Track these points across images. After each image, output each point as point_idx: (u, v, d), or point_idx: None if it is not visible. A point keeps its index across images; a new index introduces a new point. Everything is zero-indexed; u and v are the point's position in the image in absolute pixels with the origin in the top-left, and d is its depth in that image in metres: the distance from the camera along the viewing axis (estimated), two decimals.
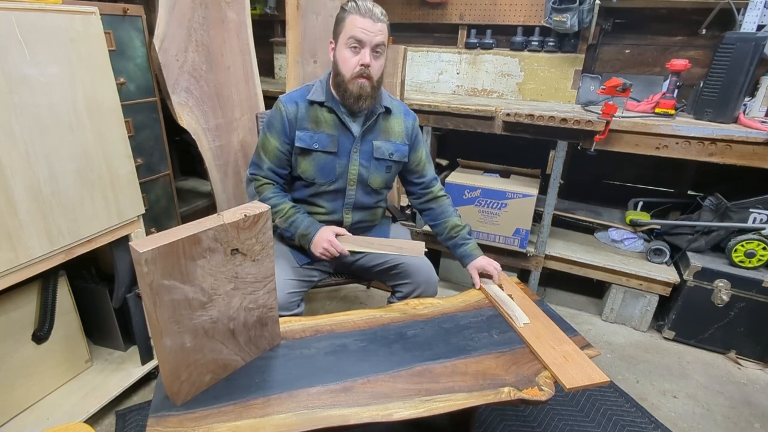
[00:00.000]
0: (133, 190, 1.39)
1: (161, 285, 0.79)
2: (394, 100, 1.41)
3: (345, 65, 1.24)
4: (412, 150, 1.43)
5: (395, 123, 1.39)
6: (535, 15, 2.33)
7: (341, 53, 1.24)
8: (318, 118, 1.32)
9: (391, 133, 1.38)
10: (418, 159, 1.46)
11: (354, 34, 1.20)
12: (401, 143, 1.40)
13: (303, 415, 0.88)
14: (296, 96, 1.33)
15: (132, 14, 1.48)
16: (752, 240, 1.80)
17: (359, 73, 1.23)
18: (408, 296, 1.40)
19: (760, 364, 1.88)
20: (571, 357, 1.06)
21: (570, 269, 2.15)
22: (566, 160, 1.97)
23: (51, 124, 1.12)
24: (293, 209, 1.34)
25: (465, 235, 1.44)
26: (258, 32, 2.08)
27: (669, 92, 1.91)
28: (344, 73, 1.24)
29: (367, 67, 1.22)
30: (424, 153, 1.48)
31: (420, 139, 1.47)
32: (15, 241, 1.08)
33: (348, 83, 1.25)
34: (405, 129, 1.41)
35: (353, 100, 1.26)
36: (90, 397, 1.43)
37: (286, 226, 1.34)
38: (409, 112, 1.44)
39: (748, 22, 1.77)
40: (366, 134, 1.34)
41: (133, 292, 1.49)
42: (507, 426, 1.50)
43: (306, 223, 1.32)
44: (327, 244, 1.27)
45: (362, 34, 1.20)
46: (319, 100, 1.31)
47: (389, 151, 1.37)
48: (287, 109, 1.30)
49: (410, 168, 1.46)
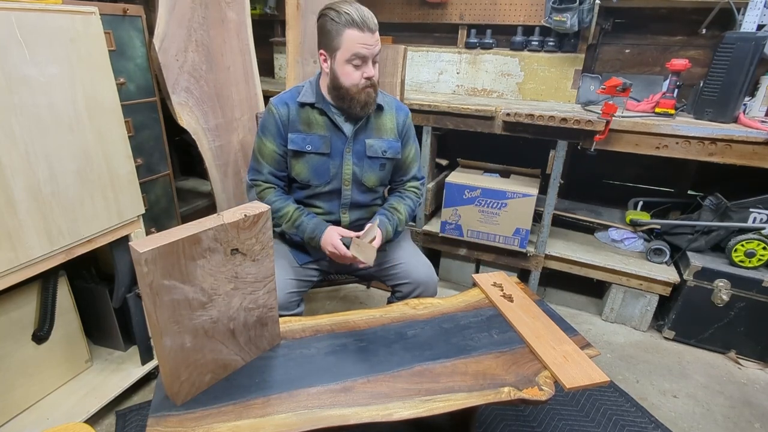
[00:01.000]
0: (133, 190, 1.39)
1: (161, 285, 0.79)
2: (386, 96, 1.40)
3: (348, 79, 1.22)
4: (402, 145, 1.42)
5: (387, 120, 1.39)
6: (535, 15, 2.33)
7: (342, 69, 1.22)
8: (310, 120, 1.31)
9: (383, 130, 1.38)
10: (404, 155, 1.44)
11: (357, 52, 1.18)
12: (393, 140, 1.39)
13: (303, 415, 0.88)
14: (286, 98, 1.33)
15: (132, 14, 1.48)
16: (752, 240, 1.80)
17: (365, 85, 1.23)
18: (408, 296, 1.40)
19: (760, 364, 1.88)
20: (571, 357, 1.06)
21: (570, 269, 2.15)
22: (566, 159, 1.97)
23: (51, 124, 1.12)
24: (298, 211, 1.34)
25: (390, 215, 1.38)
26: (258, 32, 2.08)
27: (669, 92, 1.91)
28: (348, 87, 1.23)
29: (371, 79, 1.22)
30: (412, 151, 1.46)
31: (411, 135, 1.45)
32: (15, 241, 1.08)
33: (354, 94, 1.24)
34: (397, 125, 1.40)
35: (360, 107, 1.26)
36: (90, 397, 1.43)
37: (294, 231, 1.34)
38: (401, 107, 1.43)
39: (748, 22, 1.77)
40: (358, 133, 1.34)
41: (133, 292, 1.49)
42: (507, 426, 1.50)
43: (311, 227, 1.32)
44: (332, 248, 1.27)
45: (365, 50, 1.18)
46: (310, 102, 1.30)
47: (382, 148, 1.37)
48: (279, 111, 1.30)
49: (398, 164, 1.45)
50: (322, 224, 1.32)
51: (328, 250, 1.29)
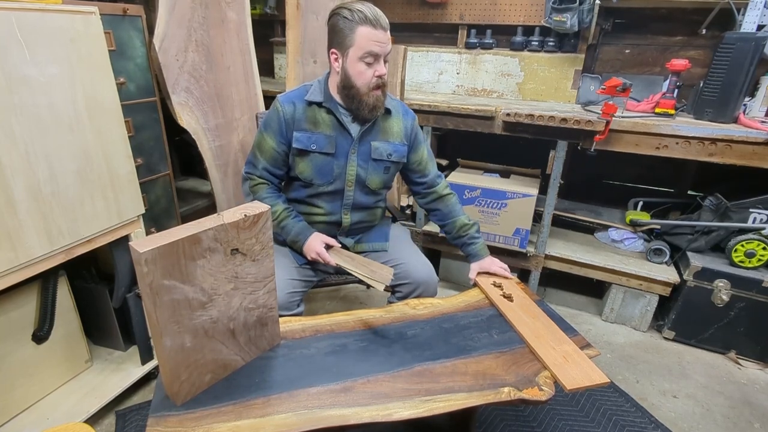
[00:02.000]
0: (133, 190, 1.39)
1: (161, 285, 0.79)
2: (393, 100, 1.40)
3: (361, 79, 1.22)
4: (412, 150, 1.43)
5: (394, 123, 1.39)
6: (535, 15, 2.33)
7: (355, 67, 1.21)
8: (316, 119, 1.31)
9: (389, 133, 1.38)
10: (419, 158, 1.45)
11: (371, 49, 1.18)
12: (400, 144, 1.39)
13: (303, 415, 0.88)
14: (294, 96, 1.32)
15: (132, 14, 1.48)
16: (752, 240, 1.80)
17: (376, 84, 1.23)
18: (408, 296, 1.40)
19: (760, 364, 1.88)
20: (571, 357, 1.06)
21: (570, 269, 2.15)
22: (566, 160, 1.97)
23: (51, 124, 1.12)
24: (286, 212, 1.34)
25: (473, 234, 1.44)
26: (258, 32, 2.08)
27: (669, 92, 1.91)
28: (360, 86, 1.23)
29: (383, 77, 1.22)
30: (425, 152, 1.47)
31: (420, 138, 1.46)
32: (15, 241, 1.08)
33: (364, 96, 1.24)
34: (404, 129, 1.40)
35: (368, 110, 1.27)
36: (90, 397, 1.43)
37: (278, 230, 1.35)
38: (408, 112, 1.43)
39: (748, 22, 1.77)
40: (364, 135, 1.34)
41: (133, 292, 1.49)
42: (507, 426, 1.50)
43: (296, 230, 1.33)
44: (315, 255, 1.29)
45: (378, 48, 1.18)
46: (317, 101, 1.30)
47: (387, 151, 1.37)
48: (284, 109, 1.30)
49: (411, 168, 1.45)
50: (307, 230, 1.34)
51: (310, 255, 1.31)
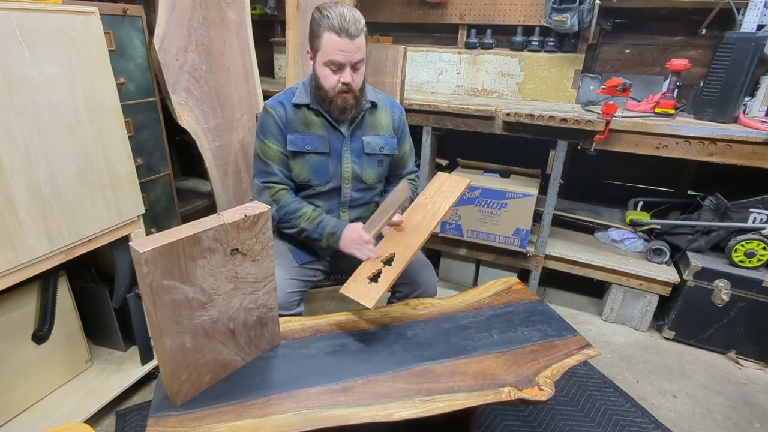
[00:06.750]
0: (133, 190, 1.39)
1: (161, 285, 0.79)
2: (379, 94, 1.41)
3: (326, 82, 1.23)
4: (398, 142, 1.44)
5: (382, 116, 1.39)
6: (535, 15, 2.33)
7: (321, 70, 1.22)
8: (307, 121, 1.31)
9: (378, 126, 1.39)
10: (402, 153, 1.47)
11: (333, 58, 1.17)
12: (390, 136, 1.40)
13: (303, 415, 0.88)
14: (281, 99, 1.33)
15: (132, 14, 1.48)
16: (752, 240, 1.80)
17: (341, 89, 1.23)
18: (408, 296, 1.40)
19: (760, 364, 1.88)
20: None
21: (570, 269, 2.15)
22: (566, 160, 1.97)
23: (51, 124, 1.12)
24: (315, 211, 1.33)
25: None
26: (258, 32, 2.08)
27: (669, 92, 1.91)
28: (326, 89, 1.24)
29: (348, 85, 1.22)
30: (408, 146, 1.49)
31: (406, 131, 1.47)
32: (15, 241, 1.08)
33: (333, 98, 1.25)
34: (392, 121, 1.41)
35: (338, 112, 1.28)
36: (90, 397, 1.43)
37: (313, 227, 1.30)
38: (395, 104, 1.44)
39: (748, 22, 1.77)
40: (355, 131, 1.35)
41: (133, 292, 1.49)
42: (507, 426, 1.50)
43: (332, 223, 1.30)
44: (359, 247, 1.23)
45: (341, 57, 1.17)
46: (305, 103, 1.30)
47: (379, 145, 1.38)
48: (277, 111, 1.30)
49: (393, 161, 1.47)
50: (341, 222, 1.32)
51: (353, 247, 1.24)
